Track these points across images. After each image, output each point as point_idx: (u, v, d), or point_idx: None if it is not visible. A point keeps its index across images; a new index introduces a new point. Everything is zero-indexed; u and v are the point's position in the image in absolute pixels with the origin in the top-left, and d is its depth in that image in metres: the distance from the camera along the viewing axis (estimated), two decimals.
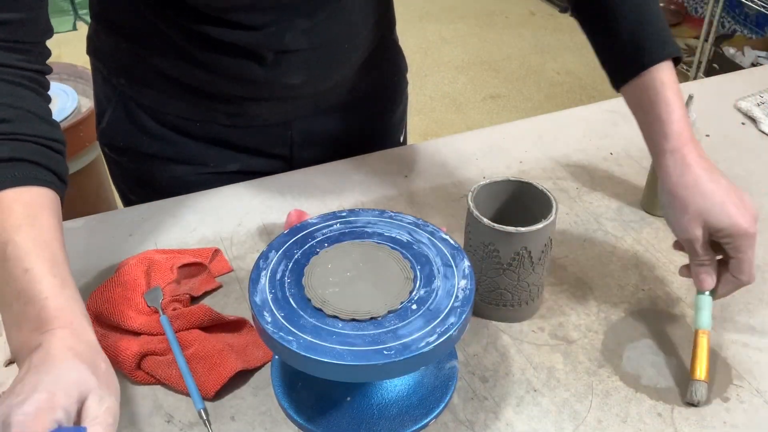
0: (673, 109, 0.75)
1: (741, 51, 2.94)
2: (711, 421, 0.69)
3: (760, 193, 0.99)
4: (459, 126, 2.93)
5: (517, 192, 0.78)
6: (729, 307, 0.81)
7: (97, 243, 0.88)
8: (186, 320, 0.74)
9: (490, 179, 0.78)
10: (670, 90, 0.75)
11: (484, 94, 3.17)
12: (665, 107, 0.75)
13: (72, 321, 0.55)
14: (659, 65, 0.76)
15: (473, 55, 3.48)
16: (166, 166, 0.98)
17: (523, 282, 0.75)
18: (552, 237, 0.74)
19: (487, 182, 0.78)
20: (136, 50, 0.89)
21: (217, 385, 0.69)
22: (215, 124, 0.95)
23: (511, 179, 0.78)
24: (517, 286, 0.75)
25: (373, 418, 0.67)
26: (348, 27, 0.91)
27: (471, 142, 1.09)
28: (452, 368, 0.72)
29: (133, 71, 0.92)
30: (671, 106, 0.75)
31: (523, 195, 0.78)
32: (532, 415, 0.69)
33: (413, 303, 0.63)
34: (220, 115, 0.94)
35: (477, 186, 0.77)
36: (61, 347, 0.52)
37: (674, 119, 0.74)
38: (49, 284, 0.56)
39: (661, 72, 0.75)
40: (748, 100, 1.18)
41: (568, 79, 3.27)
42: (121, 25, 0.89)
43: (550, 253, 0.76)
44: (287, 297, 0.63)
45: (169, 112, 0.94)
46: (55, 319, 0.54)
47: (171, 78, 0.90)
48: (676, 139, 0.74)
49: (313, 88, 0.93)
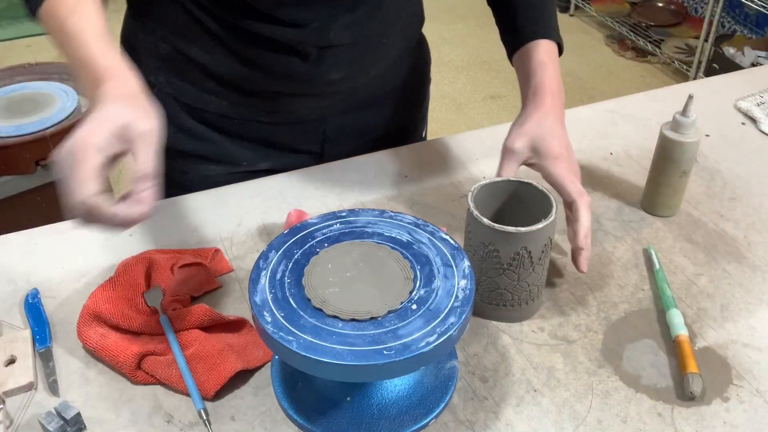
0: (546, 68, 0.87)
1: (741, 51, 2.94)
2: (711, 421, 0.69)
3: (760, 193, 0.99)
4: (459, 126, 2.93)
5: (517, 192, 0.78)
6: (729, 307, 0.81)
7: (97, 243, 0.88)
8: (186, 320, 0.74)
9: (490, 179, 0.78)
10: (546, 56, 0.89)
11: (484, 94, 3.17)
12: (540, 66, 0.88)
13: (117, 75, 0.68)
14: (542, 42, 0.90)
15: (473, 55, 3.48)
16: (199, 165, 1.00)
17: (523, 282, 0.75)
18: (552, 237, 0.74)
19: (487, 182, 0.78)
20: (179, 47, 0.92)
21: (217, 385, 0.69)
22: (253, 121, 0.98)
23: (511, 179, 0.78)
24: (517, 287, 0.75)
25: (373, 418, 0.67)
26: (386, 21, 0.94)
27: (471, 142, 1.09)
28: (452, 368, 0.72)
29: (174, 68, 0.94)
30: (544, 66, 0.88)
31: (523, 195, 0.78)
32: (532, 415, 0.69)
33: (413, 303, 0.63)
34: (259, 112, 0.97)
35: (477, 186, 0.77)
36: (108, 95, 0.66)
37: (546, 75, 0.87)
38: (99, 50, 0.70)
39: (542, 46, 0.89)
40: (748, 100, 1.18)
41: (568, 79, 3.27)
42: (163, 22, 0.91)
43: (549, 253, 0.76)
44: (287, 297, 0.63)
45: (208, 110, 0.96)
46: (105, 75, 0.68)
47: (213, 74, 0.92)
48: (542, 87, 0.86)
49: (351, 83, 0.96)
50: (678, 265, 0.87)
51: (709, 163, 1.05)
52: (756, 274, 0.86)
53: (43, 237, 0.90)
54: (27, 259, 0.86)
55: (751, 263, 0.87)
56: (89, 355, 0.74)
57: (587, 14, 3.78)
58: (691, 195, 0.98)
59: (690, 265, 0.87)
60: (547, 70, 0.87)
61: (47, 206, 1.87)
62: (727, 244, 0.90)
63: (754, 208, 0.97)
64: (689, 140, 0.88)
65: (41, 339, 0.75)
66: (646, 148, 1.08)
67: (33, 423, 0.68)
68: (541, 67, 0.88)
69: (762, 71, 1.31)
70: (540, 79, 0.87)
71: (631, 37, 3.44)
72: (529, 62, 0.89)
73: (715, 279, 0.85)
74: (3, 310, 0.80)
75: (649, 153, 1.02)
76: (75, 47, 0.70)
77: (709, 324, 0.79)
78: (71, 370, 0.73)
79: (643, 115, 1.16)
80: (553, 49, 0.90)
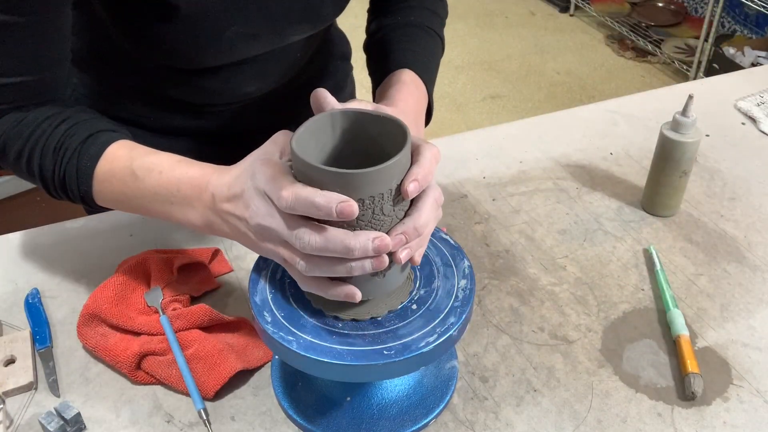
0: (405, 87, 0.79)
1: (741, 51, 2.94)
2: (711, 421, 0.69)
3: (760, 193, 0.99)
4: (459, 126, 2.93)
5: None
6: (729, 307, 0.81)
7: (97, 243, 0.88)
8: (186, 320, 0.74)
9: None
10: (408, 77, 0.81)
11: (484, 94, 3.17)
12: (397, 84, 0.79)
13: (214, 169, 0.64)
14: (409, 71, 0.82)
15: (473, 55, 3.48)
16: None
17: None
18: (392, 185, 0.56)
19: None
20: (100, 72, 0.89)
21: (217, 385, 0.69)
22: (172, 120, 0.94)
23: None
24: None
25: (373, 418, 0.67)
26: (295, 60, 0.92)
27: (471, 142, 1.09)
28: (452, 368, 0.72)
29: (91, 72, 0.90)
30: (403, 85, 0.79)
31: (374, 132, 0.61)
32: (532, 415, 0.69)
33: (413, 303, 0.63)
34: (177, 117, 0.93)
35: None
36: (223, 183, 0.61)
37: (402, 93, 0.78)
38: (181, 168, 0.65)
39: (407, 74, 0.81)
40: (748, 100, 1.18)
41: (568, 79, 3.27)
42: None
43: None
44: (287, 297, 0.63)
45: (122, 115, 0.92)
46: (205, 181, 0.63)
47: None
48: (394, 104, 0.76)
49: (263, 92, 0.93)
50: (678, 265, 0.87)
51: (709, 163, 1.05)
52: (756, 274, 0.86)
53: (43, 237, 0.90)
54: (27, 259, 0.86)
55: (751, 263, 0.87)
56: (89, 355, 0.74)
57: (587, 14, 3.78)
58: (691, 195, 0.98)
59: (690, 265, 0.87)
60: (405, 89, 0.78)
61: (47, 206, 1.87)
62: (727, 244, 0.90)
63: (754, 208, 0.97)
64: (689, 140, 0.88)
65: (41, 339, 0.75)
66: (646, 148, 1.08)
67: (33, 423, 0.68)
68: (398, 85, 0.79)
69: (762, 71, 1.31)
70: (393, 97, 0.77)
71: (631, 37, 3.44)
72: (387, 82, 0.81)
73: (715, 279, 0.85)
74: (3, 310, 0.80)
75: (649, 153, 1.02)
76: (155, 179, 0.66)
77: (709, 324, 0.79)
78: (71, 370, 0.73)
79: (643, 115, 1.16)
80: (421, 84, 0.82)
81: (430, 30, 0.90)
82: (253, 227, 0.58)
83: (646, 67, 3.38)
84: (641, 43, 3.37)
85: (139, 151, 0.68)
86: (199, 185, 0.63)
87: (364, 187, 0.53)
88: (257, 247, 0.60)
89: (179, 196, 0.64)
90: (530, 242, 0.90)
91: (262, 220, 0.57)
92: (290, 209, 0.54)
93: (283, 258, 0.58)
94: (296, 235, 0.55)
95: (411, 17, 0.90)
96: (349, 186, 0.53)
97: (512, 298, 0.82)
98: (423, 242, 0.59)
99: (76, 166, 0.68)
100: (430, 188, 0.59)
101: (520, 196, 0.98)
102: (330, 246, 0.54)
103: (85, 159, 0.68)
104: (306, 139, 0.57)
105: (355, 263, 0.55)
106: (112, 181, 0.68)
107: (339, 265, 0.55)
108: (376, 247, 0.54)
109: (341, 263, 0.55)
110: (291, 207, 0.54)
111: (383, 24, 0.90)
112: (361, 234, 0.54)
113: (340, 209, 0.52)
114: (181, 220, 0.66)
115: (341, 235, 0.54)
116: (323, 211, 0.53)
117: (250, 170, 0.59)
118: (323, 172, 0.53)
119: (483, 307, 0.81)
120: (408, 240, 0.57)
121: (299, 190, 0.54)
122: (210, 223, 0.63)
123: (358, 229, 0.56)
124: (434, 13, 0.92)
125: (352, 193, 0.53)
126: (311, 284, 0.58)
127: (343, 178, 0.53)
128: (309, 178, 0.54)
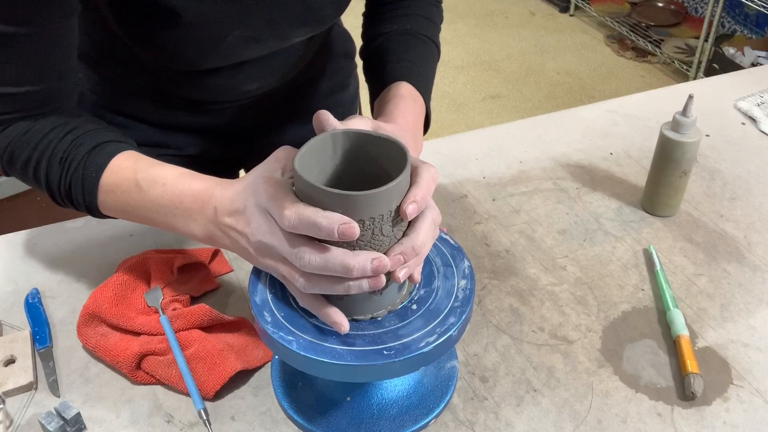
0: (402, 101, 0.78)
1: (741, 51, 2.94)
2: (711, 421, 0.69)
3: (760, 193, 0.99)
4: (459, 126, 2.93)
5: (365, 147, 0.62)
6: (729, 307, 0.81)
7: (97, 243, 0.88)
8: (186, 320, 0.74)
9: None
10: (405, 91, 0.80)
11: (484, 94, 3.17)
12: (395, 99, 0.79)
13: (216, 183, 0.65)
14: (406, 84, 0.81)
15: (473, 55, 3.48)
16: None
17: None
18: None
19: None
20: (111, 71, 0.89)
21: (217, 385, 0.69)
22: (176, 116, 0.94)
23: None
24: None
25: (373, 418, 0.67)
26: (297, 59, 0.92)
27: (471, 142, 1.09)
28: (452, 368, 0.72)
29: (96, 68, 0.90)
30: (401, 99, 0.79)
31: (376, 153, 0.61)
32: (532, 415, 0.69)
33: (413, 303, 0.63)
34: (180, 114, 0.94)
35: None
36: (226, 197, 0.62)
37: (400, 107, 0.77)
38: (184, 181, 0.66)
39: (404, 87, 0.81)
40: (748, 100, 1.18)
41: (568, 79, 3.27)
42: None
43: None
44: (287, 297, 0.63)
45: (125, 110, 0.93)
46: (208, 195, 0.64)
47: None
48: (392, 120, 0.76)
49: (265, 90, 0.93)
50: (678, 265, 0.87)
51: (709, 163, 1.05)
52: (756, 274, 0.86)
53: (43, 237, 0.90)
54: (27, 259, 0.86)
55: (751, 263, 0.87)
56: (89, 355, 0.75)
57: (587, 14, 3.78)
58: (691, 195, 0.98)
59: (690, 265, 0.87)
60: (403, 104, 0.78)
61: (47, 206, 1.87)
62: (727, 244, 0.90)
63: (754, 208, 0.97)
64: (689, 140, 0.88)
65: (41, 339, 0.75)
66: (646, 148, 1.08)
67: (33, 423, 0.68)
68: (396, 99, 0.79)
69: (762, 71, 1.31)
70: (392, 113, 0.76)
71: (631, 37, 3.44)
72: (385, 96, 0.81)
73: (715, 279, 0.85)
74: (3, 310, 0.80)
75: (649, 153, 1.02)
76: (160, 191, 0.67)
77: (709, 324, 0.79)
78: (71, 370, 0.73)
79: (643, 115, 1.16)
80: (418, 97, 0.82)
81: (426, 38, 0.90)
82: (253, 243, 0.59)
83: (646, 67, 3.38)
84: (641, 43, 3.37)
85: (143, 162, 0.69)
86: (202, 198, 0.64)
87: (365, 208, 0.54)
88: (257, 261, 0.61)
89: (182, 209, 0.65)
90: (530, 242, 0.90)
91: (263, 237, 0.58)
92: (292, 228, 0.55)
93: (283, 274, 0.59)
94: (296, 254, 0.56)
95: (407, 25, 0.90)
96: (351, 207, 0.54)
97: (512, 298, 0.82)
98: (420, 261, 0.60)
99: (82, 177, 0.69)
100: (428, 208, 0.60)
101: (520, 196, 0.98)
102: (329, 266, 0.55)
103: (90, 169, 0.69)
104: (308, 159, 0.58)
105: (353, 282, 0.56)
106: (117, 192, 0.69)
107: (337, 283, 0.56)
108: (374, 267, 0.55)
109: (339, 282, 0.56)
110: (293, 226, 0.55)
111: (379, 32, 0.91)
112: (360, 254, 0.55)
113: (342, 231, 0.53)
114: (183, 231, 0.67)
115: (341, 255, 0.55)
116: (325, 232, 0.54)
117: (253, 187, 0.59)
118: (326, 194, 0.54)
119: (483, 307, 0.81)
120: (406, 260, 0.58)
121: (302, 210, 0.55)
122: (211, 235, 0.64)
123: (357, 248, 0.57)
124: (430, 21, 0.92)
125: (354, 214, 0.54)
126: (308, 301, 0.60)
127: (347, 199, 0.54)
128: (311, 198, 0.55)
